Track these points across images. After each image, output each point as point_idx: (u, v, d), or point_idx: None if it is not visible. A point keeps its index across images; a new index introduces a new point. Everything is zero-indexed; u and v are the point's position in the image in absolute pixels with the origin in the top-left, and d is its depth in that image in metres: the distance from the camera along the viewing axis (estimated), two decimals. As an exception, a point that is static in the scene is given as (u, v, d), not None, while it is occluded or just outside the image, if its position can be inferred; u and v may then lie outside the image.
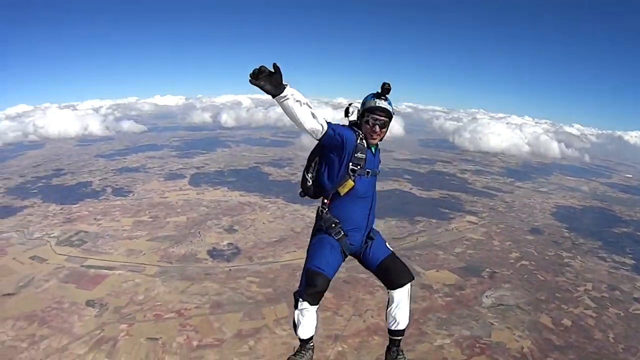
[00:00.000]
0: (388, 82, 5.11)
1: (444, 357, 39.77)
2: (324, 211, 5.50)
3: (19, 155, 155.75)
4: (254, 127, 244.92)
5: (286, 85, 4.31)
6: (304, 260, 5.54)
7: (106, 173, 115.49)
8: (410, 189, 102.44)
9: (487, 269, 57.89)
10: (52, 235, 68.82)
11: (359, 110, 5.34)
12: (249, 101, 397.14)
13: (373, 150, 5.40)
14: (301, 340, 5.43)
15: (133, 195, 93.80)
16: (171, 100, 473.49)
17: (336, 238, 5.38)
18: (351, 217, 5.45)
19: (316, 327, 5.38)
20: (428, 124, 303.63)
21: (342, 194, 5.31)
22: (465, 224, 77.40)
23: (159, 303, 48.55)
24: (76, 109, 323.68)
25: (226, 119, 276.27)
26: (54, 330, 43.46)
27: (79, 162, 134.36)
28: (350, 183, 5.22)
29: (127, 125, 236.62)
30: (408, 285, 5.56)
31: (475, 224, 77.71)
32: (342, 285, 50.54)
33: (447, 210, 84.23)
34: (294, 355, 5.38)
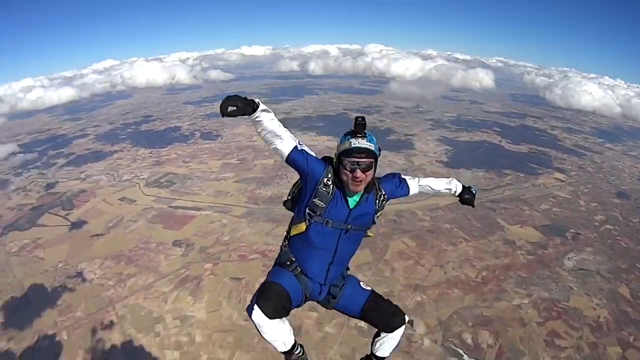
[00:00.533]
0: (361, 115, 4.40)
1: (521, 317, 37.45)
2: (284, 244, 4.87)
3: (107, 104, 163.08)
4: (342, 76, 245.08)
5: (258, 104, 4.24)
6: (388, 207, 3.26)
7: (195, 118, 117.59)
8: (500, 141, 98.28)
9: (571, 230, 54.01)
10: (141, 177, 70.39)
11: (335, 154, 4.51)
12: (337, 51, 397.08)
13: (355, 199, 4.53)
14: (283, 353, 4.67)
15: (221, 139, 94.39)
16: (258, 50, 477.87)
17: (294, 274, 4.63)
18: (307, 264, 4.68)
19: (292, 333, 4.59)
20: (519, 78, 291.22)
21: (292, 234, 4.71)
22: (552, 180, 73.01)
23: (243, 244, 48.17)
24: (163, 61, 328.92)
25: (314, 67, 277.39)
26: (141, 269, 44.12)
27: (167, 109, 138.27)
28: (302, 226, 4.55)
29: (214, 74, 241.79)
30: (402, 328, 4.91)
31: (563, 181, 73.19)
32: (425, 234, 49.46)
33: (535, 165, 79.87)
34: None
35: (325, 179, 4.38)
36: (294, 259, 4.64)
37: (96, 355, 34.14)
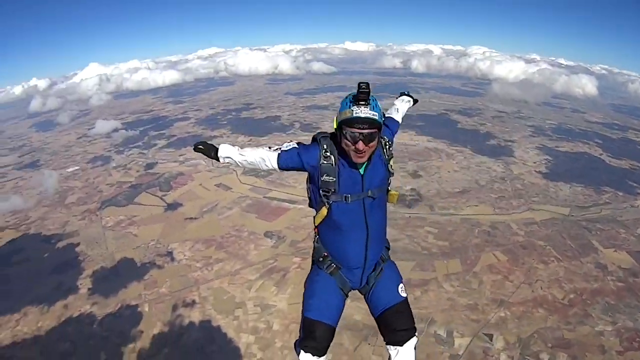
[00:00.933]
0: (365, 81, 4.00)
1: (602, 344, 35.62)
2: (315, 239, 4.70)
3: (209, 90, 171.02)
4: (445, 76, 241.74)
5: (217, 149, 4.61)
6: (484, 217, 2.97)
7: (295, 109, 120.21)
8: (600, 154, 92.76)
9: (665, 258, 51.33)
10: (239, 165, 71.53)
11: (335, 121, 4.27)
12: (440, 50, 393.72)
13: (364, 165, 4.30)
14: None
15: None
16: (361, 46, 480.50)
17: (328, 272, 4.51)
18: (340, 252, 4.48)
19: None
20: (622, 87, 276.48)
21: (316, 224, 4.52)
22: (651, 202, 68.13)
23: (334, 241, 48.32)
24: (267, 52, 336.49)
25: (417, 65, 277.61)
26: (229, 255, 45.53)
27: (269, 98, 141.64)
28: (323, 211, 4.33)
29: (317, 66, 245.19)
30: (410, 346, 4.45)
31: (663, 204, 67.96)
32: (518, 249, 47.88)
33: (634, 184, 74.31)
34: None
35: (324, 153, 4.23)
36: (326, 254, 4.52)
37: (173, 329, 36.14)
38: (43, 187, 68.16)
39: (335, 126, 4.24)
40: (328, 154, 4.20)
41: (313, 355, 4.27)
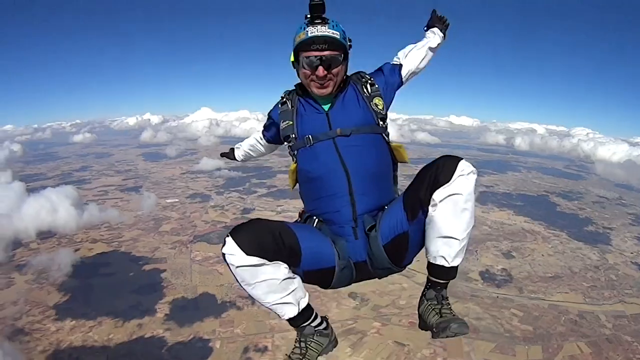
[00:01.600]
0: None
1: None
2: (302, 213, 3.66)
3: None
4: (547, 155, 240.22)
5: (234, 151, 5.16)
6: (573, 305, 1.81)
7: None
8: None
9: None
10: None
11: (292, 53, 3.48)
12: (544, 130, 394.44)
13: (328, 101, 3.52)
14: (289, 320, 3.10)
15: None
16: (466, 121, 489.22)
17: (313, 226, 3.29)
18: (324, 207, 3.31)
19: (305, 294, 3.10)
20: None
21: (291, 186, 3.72)
22: None
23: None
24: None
25: (520, 143, 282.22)
26: None
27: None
28: (292, 167, 3.59)
29: (421, 136, 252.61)
30: (448, 188, 2.79)
31: None
32: (603, 342, 45.83)
33: None
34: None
35: (281, 101, 3.71)
36: (303, 211, 3.61)
37: (240, 372, 35.76)
38: (141, 211, 72.23)
39: (292, 59, 3.50)
40: (284, 100, 3.70)
41: (238, 247, 2.69)
